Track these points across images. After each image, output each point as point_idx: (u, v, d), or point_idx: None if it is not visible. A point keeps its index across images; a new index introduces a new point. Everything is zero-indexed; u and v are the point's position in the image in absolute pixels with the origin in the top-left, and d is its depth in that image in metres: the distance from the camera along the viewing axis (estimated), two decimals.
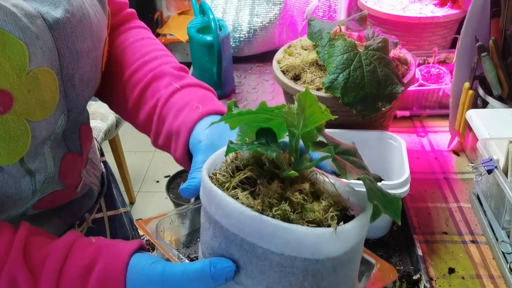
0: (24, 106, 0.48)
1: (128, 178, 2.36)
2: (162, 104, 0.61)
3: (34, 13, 0.48)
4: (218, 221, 0.40)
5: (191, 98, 0.60)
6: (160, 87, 0.62)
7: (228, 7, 1.50)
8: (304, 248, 0.37)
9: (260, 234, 0.38)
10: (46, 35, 0.50)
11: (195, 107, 0.59)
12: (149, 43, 0.69)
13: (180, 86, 0.62)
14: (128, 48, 0.67)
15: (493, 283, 0.77)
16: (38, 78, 0.49)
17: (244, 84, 1.41)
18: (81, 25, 0.54)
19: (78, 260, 0.47)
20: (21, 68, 0.47)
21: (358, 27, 0.95)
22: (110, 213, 0.78)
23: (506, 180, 0.73)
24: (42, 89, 0.50)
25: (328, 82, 0.83)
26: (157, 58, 0.66)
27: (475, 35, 0.94)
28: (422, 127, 1.17)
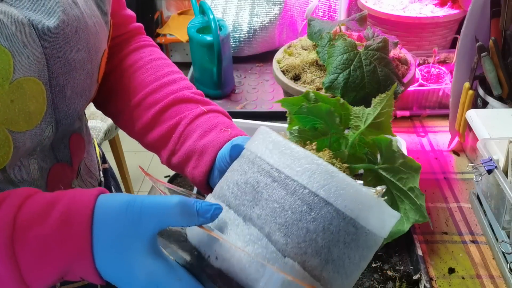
0: (6, 115, 0.46)
1: (128, 178, 2.36)
2: (186, 123, 0.61)
3: (24, 21, 0.47)
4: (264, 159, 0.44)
5: (219, 122, 0.60)
6: (183, 109, 0.62)
7: (228, 7, 1.50)
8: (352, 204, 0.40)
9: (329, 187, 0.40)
10: (35, 44, 0.48)
11: (224, 130, 0.59)
12: (164, 64, 0.68)
13: (207, 110, 0.62)
14: (143, 68, 0.67)
15: (493, 283, 0.77)
16: (22, 88, 0.47)
17: (244, 84, 1.41)
18: (76, 35, 0.53)
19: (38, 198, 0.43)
20: (4, 76, 0.45)
21: (358, 27, 0.95)
22: None
23: (506, 180, 0.73)
24: (27, 99, 0.48)
25: (328, 82, 0.83)
26: (175, 81, 0.65)
27: (475, 35, 0.94)
28: (422, 127, 1.17)
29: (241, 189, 0.43)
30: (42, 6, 0.50)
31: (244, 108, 1.29)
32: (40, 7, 0.50)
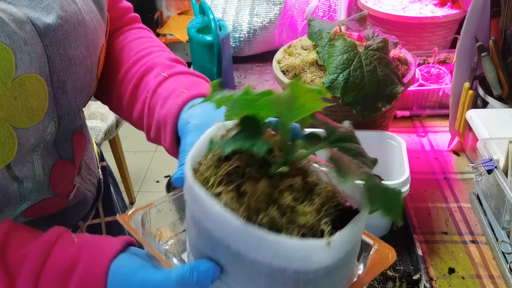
0: (9, 112, 0.47)
1: (128, 178, 2.36)
2: (150, 95, 0.59)
3: (24, 18, 0.48)
4: (202, 223, 0.36)
5: (177, 85, 0.58)
6: (149, 79, 0.60)
7: (228, 7, 1.50)
8: (294, 260, 0.33)
9: (246, 243, 0.34)
10: (35, 41, 0.49)
11: (180, 92, 0.56)
12: (147, 40, 0.67)
13: (168, 74, 0.59)
14: (126, 46, 0.66)
15: (493, 283, 0.77)
16: (25, 85, 0.48)
17: (244, 84, 1.41)
18: (75, 31, 0.53)
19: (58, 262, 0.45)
20: (7, 74, 0.46)
21: (358, 27, 0.95)
22: (108, 219, 0.76)
23: (506, 180, 0.73)
24: (30, 96, 0.49)
25: (328, 82, 0.83)
26: (152, 53, 0.64)
27: (475, 35, 0.94)
28: (422, 127, 1.17)
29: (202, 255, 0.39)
30: (39, 3, 0.50)
31: None
32: (38, 4, 0.50)
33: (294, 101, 0.35)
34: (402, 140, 0.86)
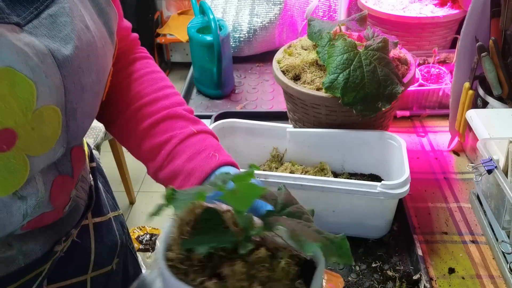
0: (26, 142, 0.48)
1: (128, 178, 2.35)
2: (176, 142, 0.63)
3: (45, 51, 0.48)
4: None
5: (207, 145, 0.63)
6: (174, 126, 0.64)
7: (228, 7, 1.50)
8: None
9: None
10: (55, 73, 0.49)
11: (212, 155, 0.62)
12: (159, 77, 0.70)
13: (197, 130, 0.64)
14: (139, 80, 0.69)
15: (493, 283, 0.77)
16: (43, 116, 0.49)
17: (244, 84, 1.41)
18: (88, 60, 0.54)
19: None
20: (28, 107, 0.47)
21: (358, 27, 0.95)
22: (96, 219, 0.76)
23: (506, 180, 0.73)
24: (45, 126, 0.50)
25: (328, 82, 0.83)
26: (169, 96, 0.68)
27: (475, 35, 0.94)
28: (422, 127, 1.17)
29: None
30: (58, 32, 0.50)
31: (244, 108, 1.29)
32: (56, 34, 0.50)
33: (241, 195, 0.39)
34: (402, 140, 0.86)
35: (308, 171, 0.92)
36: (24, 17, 0.47)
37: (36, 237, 0.63)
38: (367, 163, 0.94)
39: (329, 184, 0.79)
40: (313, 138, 0.93)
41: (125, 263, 0.85)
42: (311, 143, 0.94)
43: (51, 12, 0.50)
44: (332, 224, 0.85)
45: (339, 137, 0.92)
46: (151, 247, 1.92)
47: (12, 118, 0.46)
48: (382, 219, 0.83)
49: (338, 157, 0.94)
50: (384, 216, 0.83)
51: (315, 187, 0.79)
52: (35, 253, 0.63)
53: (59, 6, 0.51)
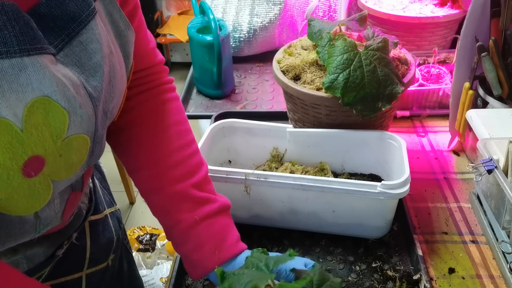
0: (53, 169, 0.49)
1: (128, 178, 2.35)
2: (183, 229, 0.68)
3: (78, 82, 0.49)
4: None
5: (209, 237, 0.67)
6: (182, 209, 0.68)
7: (228, 7, 1.50)
8: None
9: None
10: (88, 104, 0.50)
11: (213, 251, 0.66)
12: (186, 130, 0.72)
13: (199, 218, 0.68)
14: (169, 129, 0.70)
15: (493, 283, 0.77)
16: (71, 144, 0.50)
17: (244, 84, 1.41)
18: (110, 86, 0.55)
19: None
20: (59, 135, 0.48)
21: (358, 27, 0.95)
22: (92, 218, 0.77)
23: (506, 180, 0.73)
24: (73, 153, 0.51)
25: (328, 82, 0.83)
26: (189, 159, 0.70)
27: (475, 35, 0.94)
28: (422, 127, 1.17)
29: None
30: (88, 60, 0.50)
31: (244, 108, 1.29)
32: (86, 62, 0.50)
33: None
34: (402, 140, 0.86)
35: (308, 171, 0.92)
36: (56, 45, 0.47)
37: (41, 242, 0.64)
38: (367, 163, 0.94)
39: (329, 184, 0.79)
40: (313, 138, 0.93)
41: (120, 258, 0.86)
42: (311, 143, 0.94)
43: (82, 39, 0.49)
44: (332, 224, 0.85)
45: (339, 137, 0.91)
46: (151, 247, 1.92)
47: (43, 146, 0.47)
48: (382, 219, 0.83)
49: (338, 157, 0.94)
50: (384, 216, 0.83)
51: (315, 187, 0.79)
52: (39, 257, 0.64)
53: (90, 32, 0.50)
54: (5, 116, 0.42)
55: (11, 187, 0.46)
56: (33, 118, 0.45)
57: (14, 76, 0.43)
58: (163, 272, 1.80)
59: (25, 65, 0.43)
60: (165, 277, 1.79)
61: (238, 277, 0.48)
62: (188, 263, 0.69)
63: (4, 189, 0.46)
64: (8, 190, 0.46)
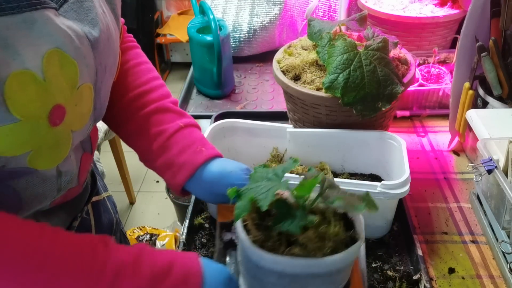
0: (71, 118, 0.53)
1: (128, 178, 2.36)
2: (166, 137, 0.70)
3: (82, 34, 0.53)
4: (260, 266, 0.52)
5: (195, 139, 0.71)
6: (164, 120, 0.71)
7: (228, 7, 1.50)
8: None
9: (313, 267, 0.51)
10: (90, 54, 0.54)
11: (199, 149, 0.70)
12: (147, 69, 0.76)
13: (183, 124, 0.71)
14: (129, 71, 0.74)
15: (493, 283, 0.77)
16: (82, 93, 0.54)
17: (244, 84, 1.41)
18: (108, 42, 0.58)
19: (156, 259, 0.56)
20: (73, 84, 0.52)
21: (358, 27, 0.95)
22: (94, 199, 0.81)
23: (506, 180, 0.73)
24: (84, 102, 0.56)
25: (328, 82, 0.83)
26: (156, 89, 0.74)
27: (475, 35, 0.94)
28: (422, 127, 1.17)
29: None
30: (86, 16, 0.54)
31: (244, 108, 1.29)
32: (84, 17, 0.54)
33: (305, 186, 0.53)
34: (402, 140, 0.86)
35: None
36: (57, 1, 0.51)
37: (58, 213, 0.68)
38: (367, 163, 0.94)
39: None
40: (313, 138, 0.93)
41: (120, 242, 0.90)
42: (311, 143, 0.94)
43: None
44: None
45: (339, 137, 0.91)
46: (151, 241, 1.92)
47: (62, 94, 0.51)
48: (382, 219, 0.83)
49: (338, 157, 0.94)
50: (384, 216, 0.83)
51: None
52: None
53: None
54: (29, 67, 0.46)
55: (40, 137, 0.50)
56: (51, 69, 0.48)
57: (28, 29, 0.46)
58: None
59: (35, 19, 0.47)
60: None
61: (255, 189, 0.53)
62: (171, 171, 0.70)
63: (34, 141, 0.50)
64: (37, 141, 0.50)
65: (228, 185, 0.64)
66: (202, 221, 0.90)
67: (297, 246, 0.51)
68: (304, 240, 0.51)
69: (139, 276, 0.54)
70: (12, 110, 0.46)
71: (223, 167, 0.69)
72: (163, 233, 1.97)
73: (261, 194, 0.52)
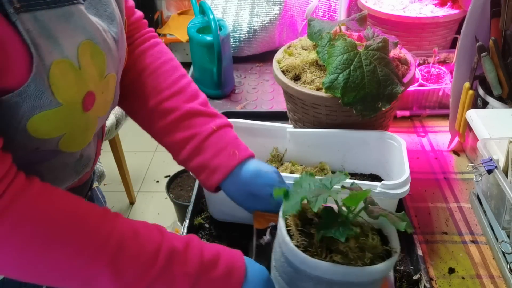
0: (99, 105, 0.59)
1: (128, 178, 2.35)
2: (200, 139, 0.72)
3: (106, 28, 0.58)
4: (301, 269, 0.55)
5: (228, 142, 0.73)
6: (196, 124, 0.73)
7: (228, 7, 1.50)
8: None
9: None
10: (114, 47, 0.59)
11: (233, 153, 0.72)
12: (173, 67, 0.77)
13: (216, 127, 0.73)
14: (155, 73, 0.75)
15: (493, 283, 0.77)
16: (108, 82, 0.60)
17: (244, 84, 1.41)
18: (122, 36, 0.63)
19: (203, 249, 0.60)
20: (101, 73, 0.57)
21: (358, 27, 0.95)
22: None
23: (506, 180, 0.73)
24: (109, 90, 0.61)
25: (328, 82, 0.83)
26: (185, 89, 0.75)
27: (475, 35, 0.94)
28: (422, 127, 1.17)
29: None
30: (104, 11, 0.59)
31: (244, 108, 1.29)
32: (103, 13, 0.59)
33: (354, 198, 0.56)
34: (402, 140, 0.86)
35: (308, 171, 0.92)
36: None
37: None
38: (367, 163, 0.94)
39: None
40: (313, 138, 0.93)
41: None
42: (311, 143, 0.94)
43: None
44: None
45: (339, 137, 0.91)
46: None
47: (93, 82, 0.56)
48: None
49: (338, 157, 0.94)
50: None
51: None
52: None
53: None
54: (68, 56, 0.51)
55: (74, 121, 0.56)
56: (84, 58, 0.53)
57: (66, 22, 0.51)
58: None
59: (72, 12, 0.52)
60: None
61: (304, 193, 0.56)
62: (205, 173, 0.72)
63: (69, 124, 0.55)
64: (72, 124, 0.56)
65: (263, 185, 0.71)
66: (202, 221, 0.90)
67: (338, 254, 0.54)
68: (345, 249, 0.54)
69: (189, 263, 0.57)
70: (56, 95, 0.51)
71: (258, 167, 0.72)
72: None
73: (311, 197, 0.54)
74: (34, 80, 0.49)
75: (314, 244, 0.56)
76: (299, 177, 0.60)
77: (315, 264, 0.53)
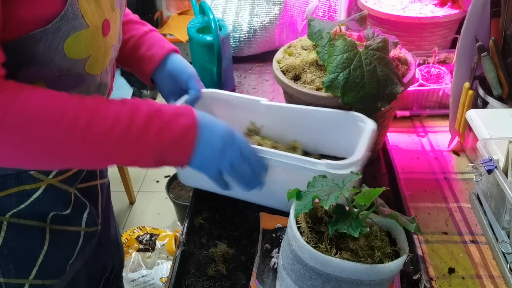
0: (112, 33, 0.71)
1: (128, 178, 2.35)
2: (136, 39, 0.91)
3: None
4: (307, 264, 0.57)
5: (157, 39, 0.93)
6: (132, 29, 0.92)
7: (228, 7, 1.50)
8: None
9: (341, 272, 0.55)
10: None
11: (162, 45, 0.92)
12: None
13: (148, 30, 0.93)
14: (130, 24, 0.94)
15: (493, 283, 0.77)
16: (116, 15, 0.72)
17: (244, 84, 1.41)
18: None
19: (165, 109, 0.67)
20: (112, 6, 0.70)
21: (358, 27, 0.95)
22: (101, 181, 0.95)
23: (506, 180, 0.73)
24: (117, 24, 0.74)
25: (328, 82, 0.83)
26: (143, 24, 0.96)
27: (475, 35, 0.94)
28: (422, 127, 1.17)
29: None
30: None
31: None
32: None
33: (367, 196, 0.57)
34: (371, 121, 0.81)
35: (277, 147, 0.91)
36: None
37: None
38: (341, 147, 0.90)
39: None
40: (287, 113, 0.91)
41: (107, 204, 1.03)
42: (286, 119, 0.92)
43: None
44: None
45: (314, 116, 0.88)
46: (151, 247, 1.92)
47: (108, 12, 0.69)
48: None
49: (312, 137, 0.93)
50: None
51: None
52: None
53: None
54: None
55: (97, 43, 0.67)
56: None
57: None
58: (163, 272, 1.80)
59: None
60: (165, 277, 1.79)
61: (316, 192, 0.58)
62: (142, 64, 0.90)
63: (94, 46, 0.67)
64: (96, 46, 0.67)
65: (182, 69, 0.92)
66: (202, 221, 0.90)
67: (348, 252, 0.56)
68: (355, 247, 0.56)
69: (142, 108, 0.64)
70: (85, 17, 0.63)
71: (181, 60, 0.92)
72: (163, 233, 1.97)
73: (323, 196, 0.56)
74: (70, 4, 0.60)
75: (324, 242, 0.57)
76: (312, 178, 0.61)
77: (325, 260, 0.54)
